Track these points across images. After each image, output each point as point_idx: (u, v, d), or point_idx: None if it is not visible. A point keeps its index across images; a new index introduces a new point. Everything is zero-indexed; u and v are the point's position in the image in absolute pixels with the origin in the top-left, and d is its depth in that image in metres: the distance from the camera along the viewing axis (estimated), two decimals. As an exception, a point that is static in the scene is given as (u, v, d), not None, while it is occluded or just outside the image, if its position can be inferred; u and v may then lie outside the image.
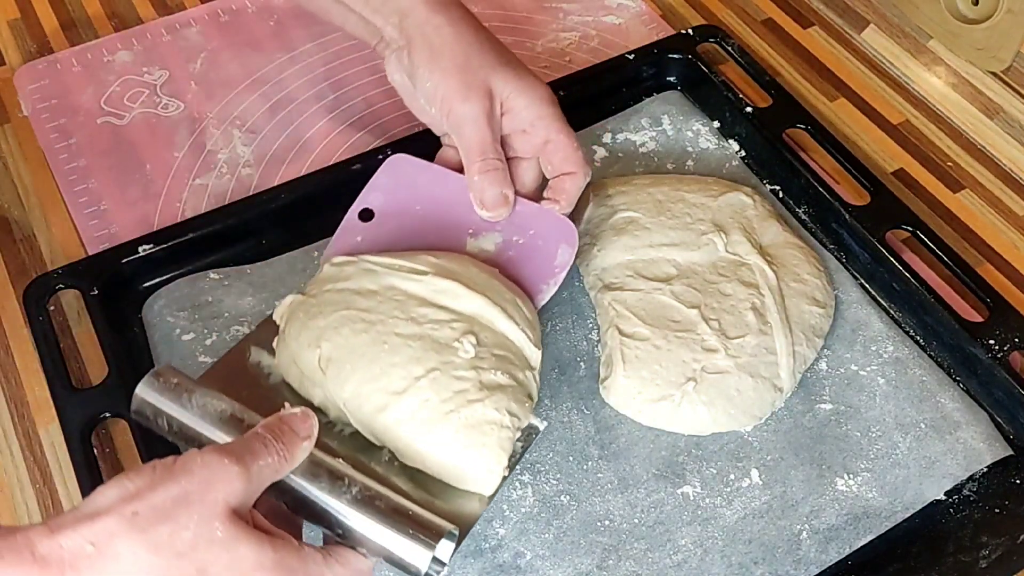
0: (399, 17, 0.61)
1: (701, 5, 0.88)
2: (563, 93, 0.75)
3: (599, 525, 0.56)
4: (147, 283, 0.66)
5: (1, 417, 0.63)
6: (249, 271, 0.66)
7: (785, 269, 0.64)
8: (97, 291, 0.64)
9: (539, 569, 0.54)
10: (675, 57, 0.79)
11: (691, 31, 0.80)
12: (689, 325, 0.60)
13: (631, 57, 0.78)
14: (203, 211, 0.71)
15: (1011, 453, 0.59)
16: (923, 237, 0.67)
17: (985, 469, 0.58)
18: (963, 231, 0.72)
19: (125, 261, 0.66)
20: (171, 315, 0.63)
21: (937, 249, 0.66)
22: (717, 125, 0.75)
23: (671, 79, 0.79)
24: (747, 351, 0.60)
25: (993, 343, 0.62)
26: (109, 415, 0.59)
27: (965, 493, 0.58)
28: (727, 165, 0.73)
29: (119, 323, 0.64)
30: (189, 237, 0.67)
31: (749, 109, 0.74)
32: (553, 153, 0.61)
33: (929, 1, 0.80)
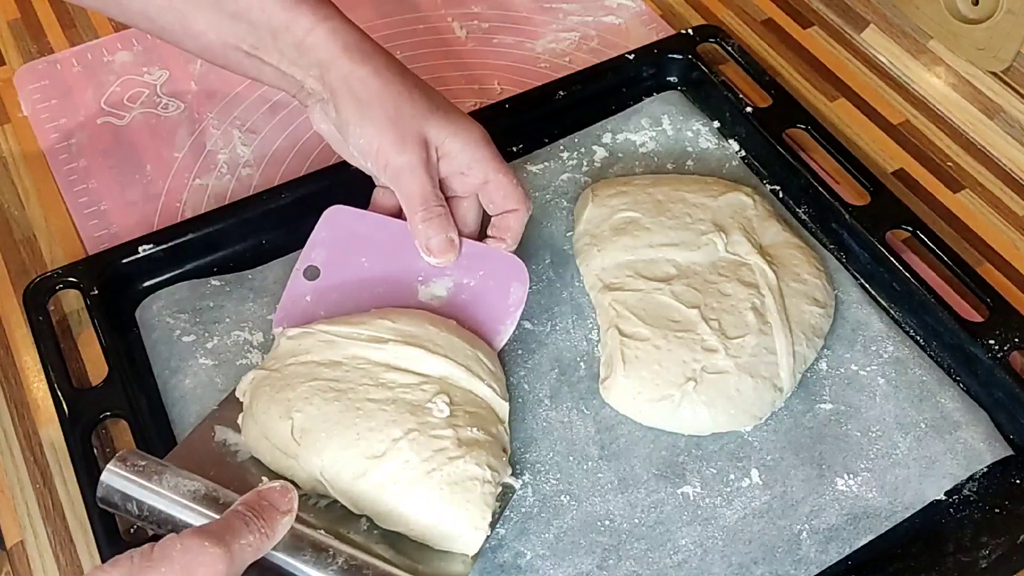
0: (319, 70, 0.58)
1: (701, 5, 0.88)
2: (563, 93, 0.76)
3: (599, 525, 0.56)
4: (147, 283, 0.66)
5: (1, 417, 0.63)
6: (250, 276, 0.66)
7: (785, 269, 0.64)
8: (97, 291, 0.64)
9: (539, 569, 0.54)
10: (675, 57, 0.79)
11: (691, 31, 0.80)
12: (689, 325, 0.60)
13: (631, 57, 0.78)
14: (203, 211, 0.71)
15: (1011, 453, 0.59)
16: (923, 237, 0.67)
17: (985, 469, 0.58)
18: (963, 231, 0.72)
19: (125, 261, 0.66)
20: (171, 316, 0.63)
21: (937, 249, 0.66)
22: (717, 125, 0.75)
23: (671, 79, 0.79)
24: (747, 351, 0.60)
25: (993, 343, 0.62)
26: (109, 415, 0.59)
27: (965, 493, 0.58)
28: (727, 165, 0.73)
29: (119, 323, 0.64)
30: (189, 237, 0.67)
31: (749, 109, 0.74)
32: (494, 192, 0.60)
33: (929, 1, 0.80)
